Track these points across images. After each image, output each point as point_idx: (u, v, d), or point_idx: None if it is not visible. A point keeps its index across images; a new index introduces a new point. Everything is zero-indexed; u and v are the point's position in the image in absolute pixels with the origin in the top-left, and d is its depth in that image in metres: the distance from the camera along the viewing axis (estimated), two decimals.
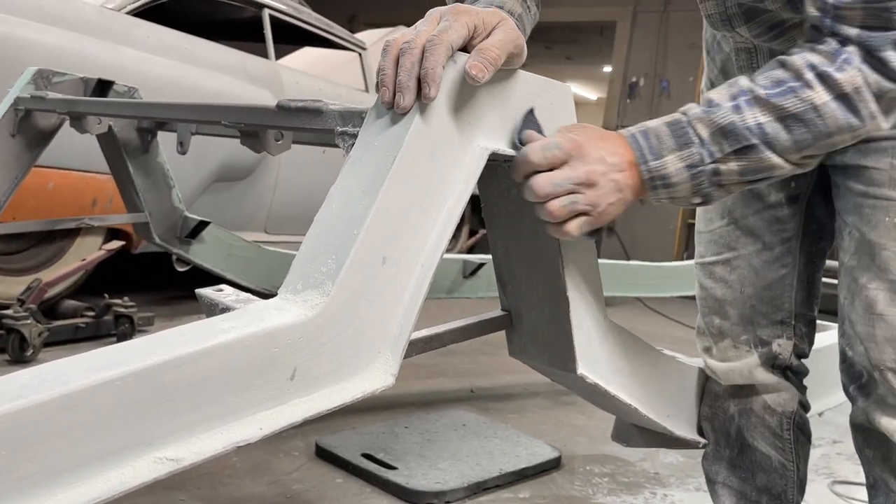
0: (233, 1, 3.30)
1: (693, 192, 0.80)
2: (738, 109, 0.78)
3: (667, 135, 0.79)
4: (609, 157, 0.76)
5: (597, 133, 0.79)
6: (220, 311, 0.70)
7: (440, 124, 0.74)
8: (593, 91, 12.85)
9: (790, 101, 0.77)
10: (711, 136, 0.78)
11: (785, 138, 0.77)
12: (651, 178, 0.78)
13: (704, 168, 0.78)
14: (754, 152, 0.78)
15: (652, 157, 0.78)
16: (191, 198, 2.92)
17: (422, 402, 2.27)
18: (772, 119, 0.77)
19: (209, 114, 1.05)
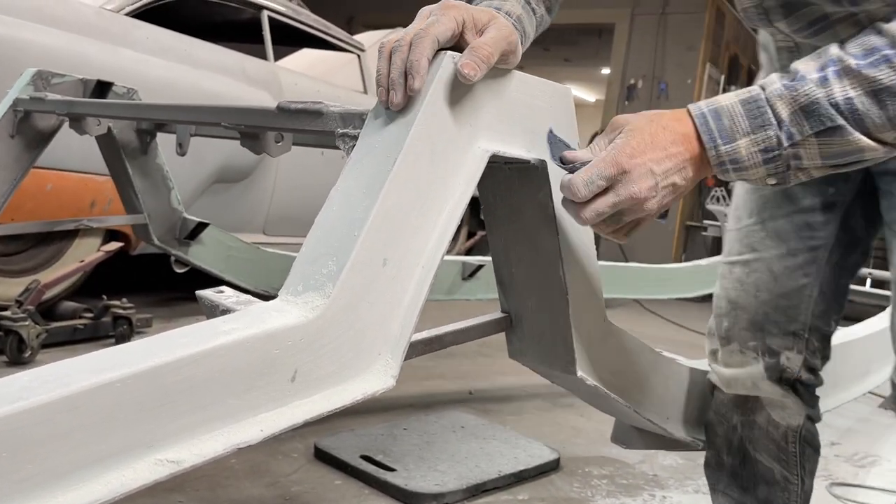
0: (231, 2, 3.30)
1: (768, 175, 0.74)
2: (824, 82, 0.71)
3: (741, 115, 0.73)
4: (659, 166, 0.71)
5: (648, 134, 0.72)
6: (221, 313, 0.70)
7: (441, 126, 0.74)
8: (592, 93, 12.86)
9: (884, 71, 0.69)
10: (792, 116, 0.71)
11: (877, 114, 0.70)
12: (721, 163, 0.73)
13: (782, 153, 0.72)
14: (840, 134, 0.71)
15: (723, 142, 0.73)
16: (190, 199, 2.92)
17: (420, 404, 2.27)
18: (862, 93, 0.70)
19: (209, 115, 1.05)
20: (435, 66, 0.73)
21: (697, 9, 6.85)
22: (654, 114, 0.75)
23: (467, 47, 0.74)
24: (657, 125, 0.73)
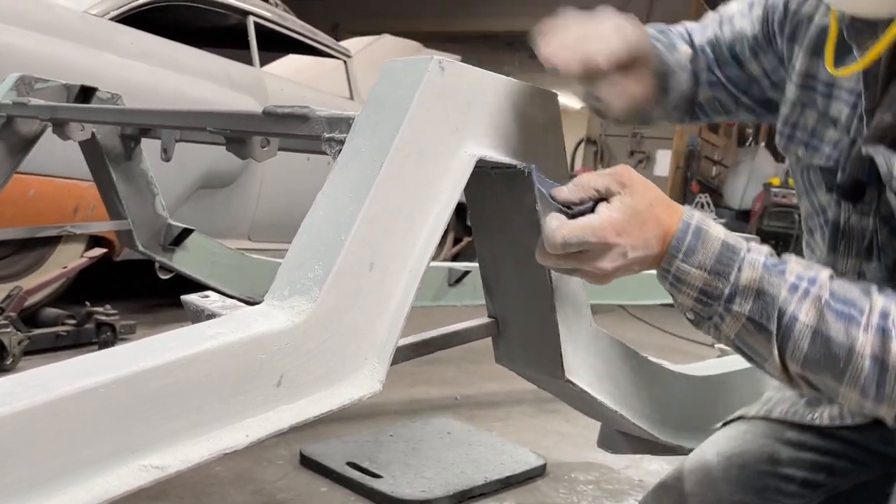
0: (217, 8, 3.29)
1: (690, 309, 0.74)
2: (793, 290, 0.71)
3: (713, 253, 0.72)
4: (633, 252, 0.70)
5: (642, 218, 0.71)
6: (206, 318, 0.70)
7: (428, 131, 0.74)
8: (577, 99, 12.93)
9: (838, 325, 0.70)
10: (746, 289, 0.71)
11: (801, 348, 0.70)
12: (666, 271, 0.73)
13: (714, 306, 0.72)
14: (764, 336, 0.71)
15: (682, 259, 0.72)
16: (174, 205, 2.90)
17: (407, 411, 2.26)
18: (809, 324, 0.70)
19: (195, 120, 1.05)
20: (421, 70, 0.74)
21: (682, 15, 6.89)
22: (657, 197, 0.73)
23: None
24: (653, 213, 0.72)
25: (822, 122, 0.90)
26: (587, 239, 0.69)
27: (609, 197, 0.71)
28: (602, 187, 0.71)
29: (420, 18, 8.30)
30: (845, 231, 0.89)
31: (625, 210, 0.70)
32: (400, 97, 0.73)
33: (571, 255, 0.70)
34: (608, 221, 0.69)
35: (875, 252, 0.87)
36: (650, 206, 0.71)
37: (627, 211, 0.70)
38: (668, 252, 0.72)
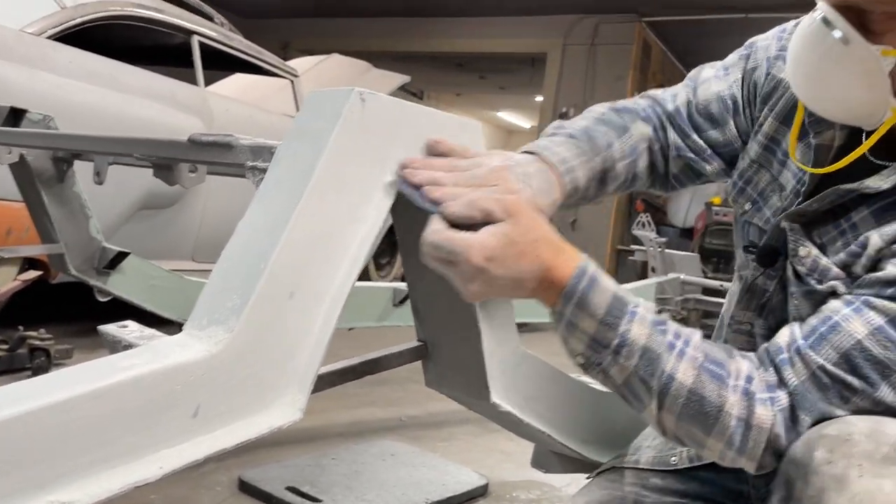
0: (161, 27, 3.26)
1: (580, 354, 0.78)
2: (671, 348, 0.76)
3: (605, 304, 0.75)
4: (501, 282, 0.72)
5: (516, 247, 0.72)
6: (123, 348, 0.70)
7: (349, 160, 0.75)
8: (527, 119, 13.12)
9: (711, 386, 0.75)
10: (632, 343, 0.75)
11: (678, 403, 0.76)
12: (561, 313, 0.76)
13: (603, 355, 0.76)
14: (645, 387, 0.76)
15: (576, 304, 0.75)
16: (114, 226, 2.85)
17: (350, 433, 2.25)
18: (685, 383, 0.75)
19: (121, 147, 1.04)
20: (342, 101, 0.75)
21: (625, 40, 7.09)
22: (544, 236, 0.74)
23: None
24: (534, 248, 0.73)
25: (771, 186, 0.95)
26: (455, 252, 0.70)
27: (494, 221, 0.72)
28: (489, 210, 0.72)
29: (370, 39, 8.34)
30: (751, 287, 0.96)
31: (502, 238, 0.71)
32: (320, 128, 0.75)
33: (442, 261, 0.72)
34: (480, 244, 0.70)
35: (766, 312, 0.94)
36: (533, 242, 0.73)
37: (504, 240, 0.71)
38: (562, 296, 0.75)
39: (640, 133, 1.00)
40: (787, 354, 0.78)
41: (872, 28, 0.74)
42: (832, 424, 0.73)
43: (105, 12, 2.87)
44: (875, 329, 0.73)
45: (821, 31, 0.76)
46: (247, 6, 8.35)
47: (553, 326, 0.79)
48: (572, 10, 7.20)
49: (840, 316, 0.76)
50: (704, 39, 7.20)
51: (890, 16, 0.72)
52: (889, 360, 0.73)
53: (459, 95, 11.87)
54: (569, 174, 0.86)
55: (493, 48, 7.90)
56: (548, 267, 0.74)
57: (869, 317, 0.74)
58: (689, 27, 6.94)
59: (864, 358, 0.73)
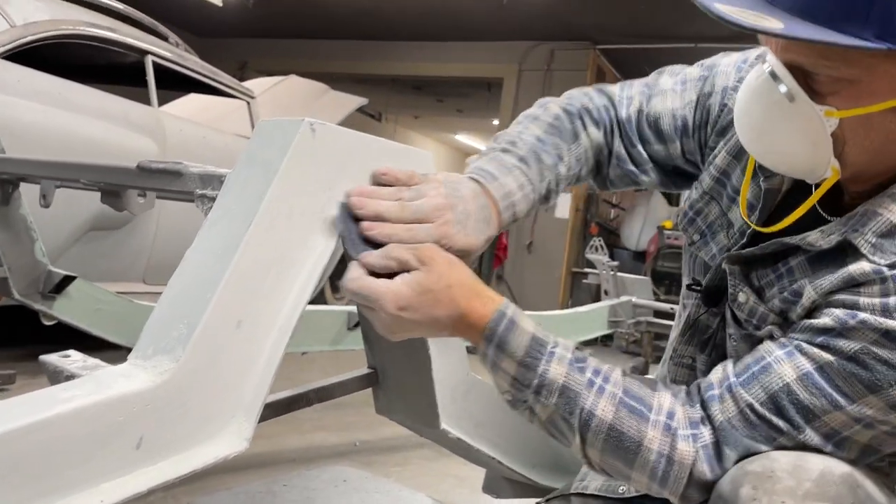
0: (114, 46, 3.22)
1: (506, 391, 0.80)
2: (590, 385, 0.78)
3: (524, 346, 0.78)
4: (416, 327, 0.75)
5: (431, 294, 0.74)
6: (65, 379, 0.68)
7: (299, 189, 0.76)
8: (483, 142, 13.24)
9: (630, 422, 0.78)
10: (550, 383, 0.78)
11: (599, 439, 0.78)
12: (484, 354, 0.78)
13: (525, 394, 0.78)
14: (566, 425, 0.79)
15: (496, 346, 0.77)
16: (62, 248, 2.78)
17: (303, 458, 2.22)
18: (605, 419, 0.78)
19: (68, 172, 1.02)
20: (293, 131, 0.76)
21: (579, 67, 7.23)
22: (459, 280, 0.76)
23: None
24: (448, 294, 0.75)
25: (720, 220, 0.97)
26: (371, 299, 0.74)
27: (409, 270, 0.75)
28: (403, 260, 0.75)
29: (329, 60, 8.35)
30: (694, 324, 0.99)
31: (414, 286, 0.74)
32: (270, 157, 0.75)
33: (362, 306, 0.77)
34: (393, 294, 0.73)
35: (709, 349, 0.97)
36: (447, 288, 0.75)
37: (418, 288, 0.74)
38: (482, 338, 0.78)
39: (590, 141, 1.02)
40: (717, 391, 0.80)
41: (818, 89, 0.75)
42: (756, 461, 0.75)
43: (56, 31, 2.83)
44: (804, 374, 0.76)
45: (768, 84, 0.77)
46: (204, 26, 8.29)
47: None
48: (528, 37, 7.32)
49: (773, 357, 0.78)
50: (656, 66, 7.37)
51: (834, 79, 0.74)
52: (814, 406, 0.75)
53: (417, 118, 11.93)
54: (509, 209, 0.88)
55: (450, 72, 7.97)
56: (463, 311, 0.76)
57: (799, 362, 0.76)
58: (641, 55, 7.11)
59: (790, 401, 0.76)
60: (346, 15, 7.42)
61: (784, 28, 0.70)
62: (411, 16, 7.19)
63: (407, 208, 0.79)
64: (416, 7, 6.94)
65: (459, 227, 0.81)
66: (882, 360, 0.72)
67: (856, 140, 0.76)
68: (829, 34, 0.69)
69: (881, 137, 0.76)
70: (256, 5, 7.29)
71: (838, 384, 0.74)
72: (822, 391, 0.75)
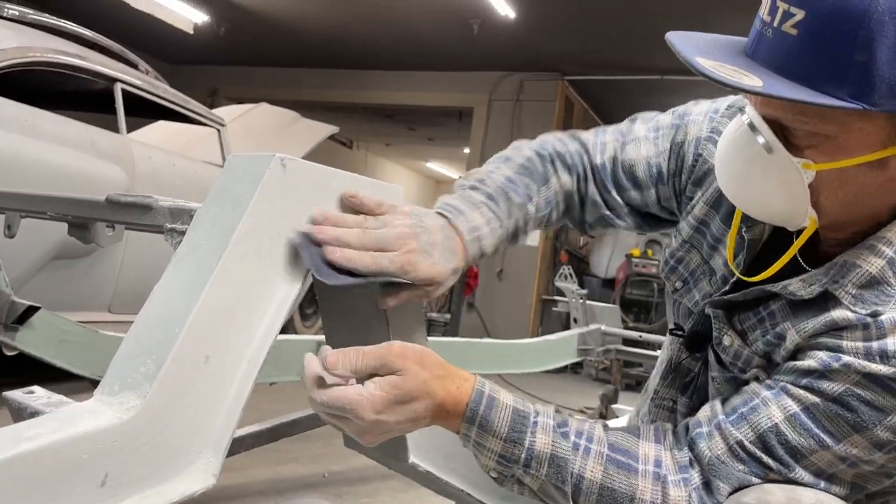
0: (83, 74, 3.20)
1: (493, 470, 0.80)
2: (576, 449, 0.79)
3: (507, 421, 0.78)
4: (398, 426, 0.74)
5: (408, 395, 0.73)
6: (29, 416, 0.67)
7: (268, 224, 0.76)
8: (455, 170, 13.33)
9: (619, 478, 0.79)
10: (540, 454, 0.78)
11: (592, 500, 0.79)
12: (467, 437, 0.79)
13: (514, 469, 0.79)
14: (560, 493, 0.79)
15: (478, 428, 0.78)
16: (25, 276, 2.74)
17: (272, 491, 2.19)
18: (595, 480, 0.78)
19: (35, 204, 1.02)
20: (263, 166, 0.76)
21: (548, 97, 7.35)
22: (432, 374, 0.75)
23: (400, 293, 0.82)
24: (425, 389, 0.74)
25: (702, 268, 1.00)
26: (346, 409, 0.71)
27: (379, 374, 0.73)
28: (373, 367, 0.73)
29: (300, 88, 8.38)
30: (677, 367, 1.01)
31: (391, 390, 0.72)
32: (241, 192, 0.75)
33: (333, 417, 0.74)
34: (368, 400, 0.71)
35: (691, 391, 0.98)
36: (423, 384, 0.75)
37: (394, 391, 0.72)
38: (464, 421, 0.78)
39: (560, 185, 1.03)
40: (706, 429, 0.81)
41: (795, 143, 0.78)
42: (751, 492, 0.77)
43: (24, 58, 2.80)
44: (791, 415, 0.77)
45: (747, 135, 0.80)
46: (175, 53, 8.28)
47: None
48: (498, 68, 7.43)
49: (760, 398, 0.80)
50: (624, 98, 7.53)
51: (811, 134, 0.76)
52: (802, 446, 0.77)
53: (389, 146, 11.99)
54: (476, 242, 0.89)
55: (422, 101, 8.05)
56: (440, 402, 0.76)
57: (786, 403, 0.78)
58: (609, 86, 7.26)
59: (778, 442, 0.77)
60: (318, 43, 7.47)
61: (763, 86, 0.72)
62: (383, 45, 7.27)
63: (368, 234, 0.79)
64: (388, 36, 7.01)
65: (425, 256, 0.81)
66: (865, 402, 0.75)
67: (831, 191, 0.78)
68: (807, 93, 0.72)
69: (856, 189, 0.78)
70: (227, 32, 7.31)
71: (824, 424, 0.76)
72: (809, 431, 0.76)
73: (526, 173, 1.00)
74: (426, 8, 6.19)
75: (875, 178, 0.77)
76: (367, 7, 6.36)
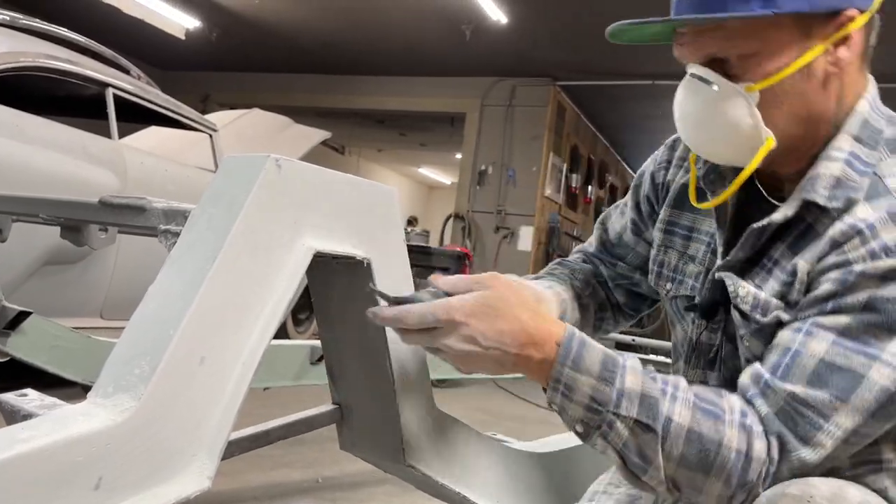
0: (74, 79, 3.19)
1: (581, 420, 0.79)
2: (664, 394, 0.79)
3: (599, 361, 0.79)
4: (485, 341, 0.77)
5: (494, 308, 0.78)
6: (22, 418, 0.67)
7: (263, 226, 0.76)
8: (447, 176, 13.34)
9: (707, 423, 0.78)
10: (631, 393, 0.78)
11: (678, 445, 0.78)
12: (557, 380, 0.79)
13: (604, 412, 0.78)
14: (650, 435, 0.78)
15: (571, 367, 0.78)
16: (17, 282, 2.72)
17: (266, 496, 2.18)
18: (683, 424, 0.78)
19: (27, 206, 1.01)
20: (258, 167, 0.76)
21: (540, 103, 7.37)
22: (522, 302, 0.80)
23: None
24: (511, 311, 0.78)
25: (682, 259, 1.04)
26: (438, 315, 0.76)
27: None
28: (466, 288, 0.79)
29: (292, 93, 8.38)
30: (697, 345, 1.01)
31: (479, 299, 0.78)
32: (236, 193, 0.75)
33: (426, 335, 0.78)
34: (458, 302, 0.77)
35: (717, 364, 0.99)
36: (509, 305, 0.78)
37: (481, 300, 0.78)
38: (557, 360, 0.78)
39: (585, 271, 1.17)
40: (756, 389, 0.82)
41: (733, 73, 0.86)
42: (796, 484, 0.77)
43: (15, 63, 2.79)
44: (832, 344, 0.79)
45: (693, 84, 0.89)
46: (167, 58, 8.27)
47: (473, 381, 0.82)
48: (490, 73, 7.45)
49: (797, 344, 0.81)
50: (615, 103, 7.57)
51: (743, 58, 0.85)
52: (854, 366, 0.78)
53: (381, 151, 11.99)
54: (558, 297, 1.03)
55: (414, 107, 8.06)
56: (528, 330, 0.78)
57: (822, 336, 0.80)
58: (601, 92, 7.28)
59: (830, 371, 0.78)
60: (310, 48, 7.47)
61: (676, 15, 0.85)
62: (376, 50, 7.27)
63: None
64: (380, 42, 7.02)
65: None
66: (891, 300, 0.77)
67: (778, 107, 0.86)
68: (719, 12, 0.83)
69: (797, 101, 0.86)
70: (219, 38, 7.30)
71: (864, 338, 0.78)
72: (854, 349, 0.78)
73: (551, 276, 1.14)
74: (418, 13, 6.20)
75: (809, 86, 0.85)
76: (360, 13, 6.37)
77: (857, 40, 0.86)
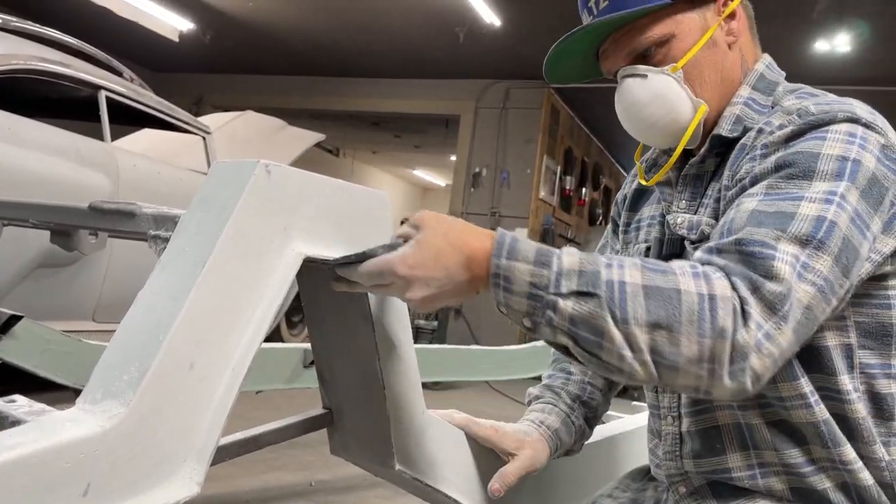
0: (67, 81, 3.18)
1: (525, 314, 0.77)
2: (609, 266, 0.76)
3: (533, 250, 0.78)
4: (437, 282, 0.77)
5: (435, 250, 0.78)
6: (10, 425, 0.67)
7: (253, 231, 0.76)
8: (442, 178, 13.34)
9: (659, 277, 0.75)
10: (569, 271, 0.76)
11: (638, 302, 0.74)
12: (496, 275, 0.77)
13: (545, 295, 0.75)
14: (593, 304, 0.74)
15: (506, 258, 0.76)
16: (8, 285, 2.71)
17: (258, 500, 2.18)
18: (636, 282, 0.75)
19: (16, 211, 1.01)
20: (248, 172, 0.76)
21: (534, 105, 7.38)
22: (451, 227, 0.80)
23: (498, 472, 1.02)
24: (447, 241, 0.78)
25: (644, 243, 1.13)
26: (383, 272, 0.78)
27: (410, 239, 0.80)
28: (404, 233, 0.81)
29: (286, 96, 8.36)
30: None
31: (416, 246, 0.79)
32: (225, 198, 0.75)
33: (380, 287, 0.81)
34: (399, 257, 0.78)
35: None
36: (443, 236, 0.79)
37: (417, 246, 0.78)
38: (492, 257, 0.77)
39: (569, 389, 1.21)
40: (707, 255, 0.81)
41: (656, 60, 1.00)
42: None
43: (8, 65, 2.79)
44: (759, 200, 0.84)
45: (626, 81, 1.01)
46: (160, 60, 8.25)
47: (466, 384, 0.82)
48: (485, 76, 7.45)
49: (731, 214, 0.85)
50: (609, 105, 7.54)
51: (658, 44, 0.99)
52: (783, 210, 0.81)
53: (375, 153, 11.99)
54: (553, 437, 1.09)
55: (408, 109, 8.05)
56: (467, 251, 0.78)
57: (749, 199, 0.85)
58: (595, 94, 7.29)
59: (765, 216, 0.81)
60: (304, 50, 7.47)
61: (594, 20, 1.01)
62: (370, 52, 7.27)
63: None
64: (374, 44, 7.02)
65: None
66: (800, 152, 0.86)
67: (698, 80, 0.99)
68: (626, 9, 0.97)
69: (712, 70, 1.00)
70: (213, 40, 7.29)
71: (786, 188, 0.84)
72: (779, 197, 0.83)
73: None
74: (412, 15, 6.21)
75: (717, 55, 1.00)
76: (354, 15, 6.37)
77: (741, 14, 1.03)
